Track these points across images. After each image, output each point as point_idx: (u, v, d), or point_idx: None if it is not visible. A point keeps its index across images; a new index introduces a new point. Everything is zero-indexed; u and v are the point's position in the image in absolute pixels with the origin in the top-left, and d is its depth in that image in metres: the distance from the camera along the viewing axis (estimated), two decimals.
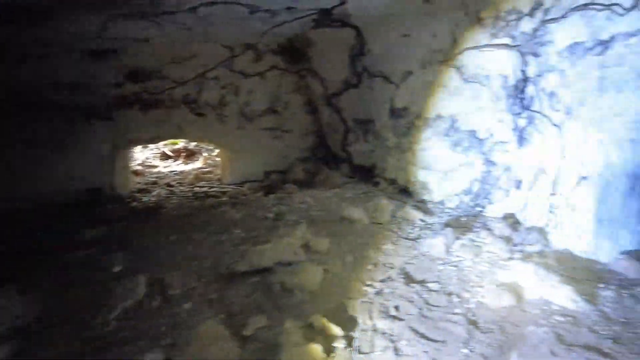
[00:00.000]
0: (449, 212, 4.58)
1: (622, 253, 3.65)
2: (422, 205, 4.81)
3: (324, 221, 4.13)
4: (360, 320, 2.66)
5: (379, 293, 2.98)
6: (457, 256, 3.52)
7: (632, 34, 3.03)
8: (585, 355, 2.37)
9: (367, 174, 6.05)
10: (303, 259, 3.21)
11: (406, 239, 3.84)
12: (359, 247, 3.63)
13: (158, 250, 3.80)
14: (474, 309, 2.81)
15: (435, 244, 3.61)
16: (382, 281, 3.15)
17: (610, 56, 3.21)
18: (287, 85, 7.01)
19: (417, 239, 3.85)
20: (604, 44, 3.24)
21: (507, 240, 3.74)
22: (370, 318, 2.69)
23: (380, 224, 4.24)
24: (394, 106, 5.35)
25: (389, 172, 5.63)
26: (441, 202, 4.86)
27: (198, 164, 8.03)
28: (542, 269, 3.04)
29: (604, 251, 3.63)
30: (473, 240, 3.75)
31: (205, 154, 8.36)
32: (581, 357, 2.35)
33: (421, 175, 5.13)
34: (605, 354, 2.38)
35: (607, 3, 3.08)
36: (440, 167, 4.89)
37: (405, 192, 5.32)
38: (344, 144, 6.52)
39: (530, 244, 3.67)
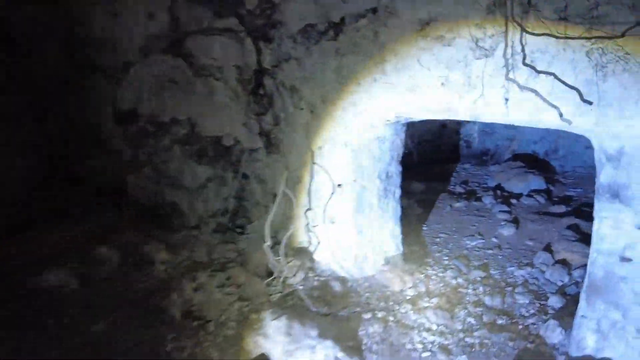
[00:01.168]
0: (203, 241, 3.61)
1: (386, 261, 3.33)
2: (170, 237, 3.70)
3: None
4: None
5: None
6: (197, 318, 2.56)
7: (360, 15, 2.50)
8: None
9: (109, 198, 4.62)
10: None
11: (130, 303, 2.69)
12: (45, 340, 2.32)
13: None
14: None
15: (167, 307, 2.58)
16: None
17: (343, 42, 2.66)
18: None
19: (147, 299, 2.75)
20: (336, 28, 2.67)
21: (267, 274, 2.98)
22: None
23: (100, 281, 2.97)
24: (119, 108, 4.05)
25: (132, 193, 4.34)
26: (197, 227, 3.87)
27: None
28: (297, 322, 2.32)
29: (369, 263, 3.23)
30: (222, 286, 2.85)
31: None
32: None
33: (168, 196, 4.02)
34: None
35: None
36: (188, 183, 3.87)
37: (156, 217, 4.14)
38: (80, 160, 4.89)
39: (292, 275, 2.99)
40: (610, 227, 2.01)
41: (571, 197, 4.95)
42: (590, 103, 1.86)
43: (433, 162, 6.26)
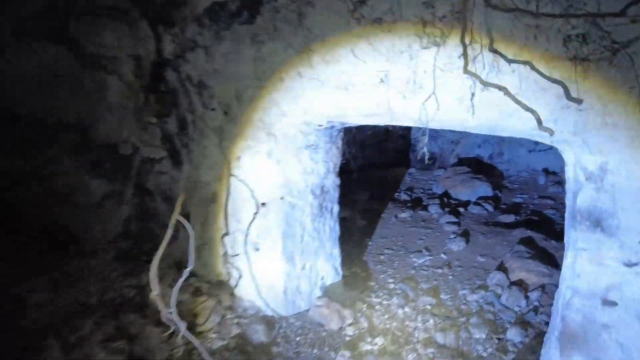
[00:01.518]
0: (98, 273, 2.92)
1: (323, 291, 2.82)
2: (59, 268, 2.98)
3: None
4: None
5: None
6: None
7: None
8: None
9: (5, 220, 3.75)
10: None
11: None
12: None
13: None
14: None
15: None
16: None
17: (261, 26, 2.10)
18: None
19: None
20: (252, 8, 2.10)
21: (168, 320, 2.35)
22: None
23: None
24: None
25: (15, 213, 3.52)
26: (94, 255, 3.15)
27: None
28: None
29: (302, 297, 2.71)
30: (109, 340, 2.20)
31: None
32: None
33: (59, 216, 3.27)
34: None
35: None
36: (82, 201, 3.16)
37: (43, 243, 3.36)
38: None
39: (204, 320, 2.39)
40: (589, 262, 1.61)
41: (519, 204, 4.71)
42: (580, 102, 1.43)
43: (377, 167, 5.90)
